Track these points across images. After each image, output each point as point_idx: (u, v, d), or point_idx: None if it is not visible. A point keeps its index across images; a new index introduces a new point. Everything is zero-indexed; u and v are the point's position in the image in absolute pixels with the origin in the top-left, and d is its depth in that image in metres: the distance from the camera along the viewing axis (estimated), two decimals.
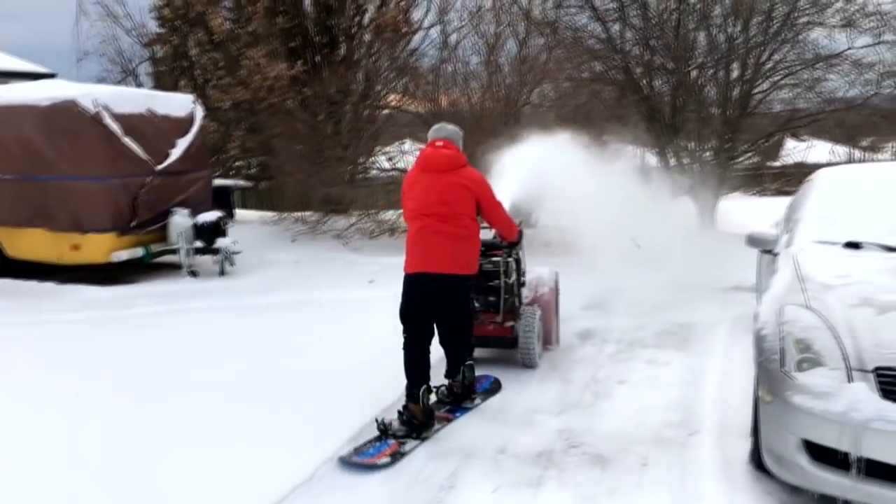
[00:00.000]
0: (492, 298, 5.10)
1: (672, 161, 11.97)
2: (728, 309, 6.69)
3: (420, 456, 3.82)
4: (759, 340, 3.38)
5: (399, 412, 4.14)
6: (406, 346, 4.26)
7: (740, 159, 12.80)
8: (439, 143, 4.41)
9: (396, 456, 3.81)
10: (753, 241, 4.72)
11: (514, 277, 5.16)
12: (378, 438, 3.98)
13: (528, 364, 5.16)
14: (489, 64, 11.74)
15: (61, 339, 6.23)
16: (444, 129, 4.52)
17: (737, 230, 8.75)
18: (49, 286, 8.32)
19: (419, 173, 4.37)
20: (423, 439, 4.04)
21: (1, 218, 8.80)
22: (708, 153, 11.98)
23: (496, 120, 10.98)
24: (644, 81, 11.73)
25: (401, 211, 4.98)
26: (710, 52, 11.69)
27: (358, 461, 3.76)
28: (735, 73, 11.69)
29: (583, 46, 12.02)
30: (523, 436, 4.02)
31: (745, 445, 3.64)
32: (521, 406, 4.49)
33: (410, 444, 3.95)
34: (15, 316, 7.15)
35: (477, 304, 5.00)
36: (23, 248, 8.77)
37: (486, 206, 4.40)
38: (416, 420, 4.08)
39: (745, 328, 5.55)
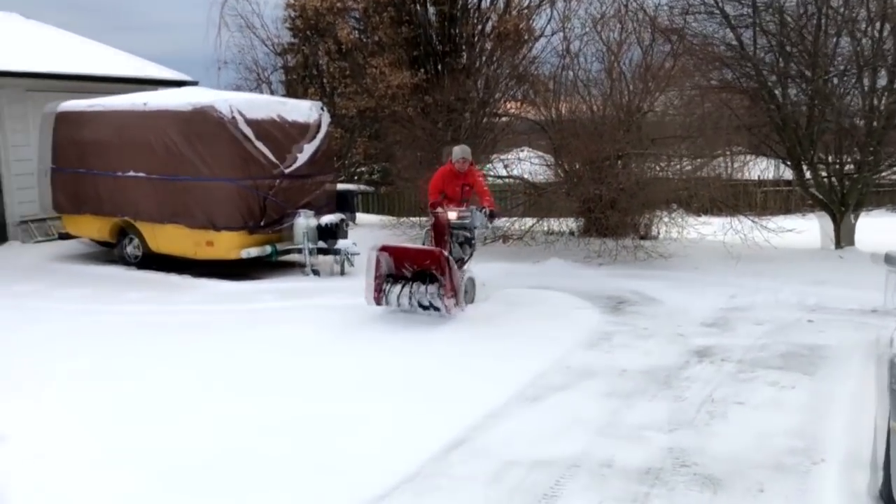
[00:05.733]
0: None
1: (808, 174, 11.28)
2: (863, 332, 6.23)
3: (523, 465, 3.79)
4: (893, 367, 3.14)
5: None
6: None
7: (885, 173, 11.88)
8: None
9: None
10: (893, 260, 4.39)
11: None
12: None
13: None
14: (612, 71, 11.51)
15: (195, 328, 6.70)
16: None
17: (877, 249, 8.15)
18: (185, 279, 8.90)
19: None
20: None
21: (148, 214, 9.52)
22: (849, 166, 11.20)
23: (616, 127, 10.75)
24: (777, 90, 11.13)
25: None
26: (854, 58, 10.94)
27: None
28: (882, 82, 10.87)
29: (711, 53, 11.56)
30: (631, 451, 3.92)
31: (875, 478, 3.38)
32: (629, 420, 4.38)
33: None
34: (155, 305, 7.74)
35: None
36: (164, 242, 9.44)
37: None
38: None
39: (881, 354, 5.15)
